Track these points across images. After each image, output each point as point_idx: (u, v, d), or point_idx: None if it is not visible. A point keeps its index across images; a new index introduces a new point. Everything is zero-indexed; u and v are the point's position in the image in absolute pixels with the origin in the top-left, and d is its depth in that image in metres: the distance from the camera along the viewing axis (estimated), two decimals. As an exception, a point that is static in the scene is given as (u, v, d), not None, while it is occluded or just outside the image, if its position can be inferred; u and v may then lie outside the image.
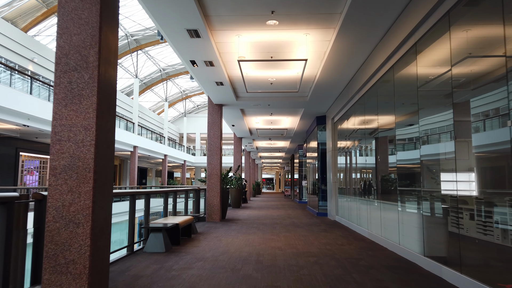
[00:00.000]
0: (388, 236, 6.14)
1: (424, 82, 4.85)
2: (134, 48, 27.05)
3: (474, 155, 3.70)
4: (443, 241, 4.38)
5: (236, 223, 10.12)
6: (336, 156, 11.07)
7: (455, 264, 3.96)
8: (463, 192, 3.84)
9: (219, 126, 10.88)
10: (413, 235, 5.09)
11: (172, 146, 37.46)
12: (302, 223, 10.14)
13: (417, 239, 4.92)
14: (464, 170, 3.82)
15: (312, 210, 13.88)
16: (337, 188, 10.92)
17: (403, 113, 5.76)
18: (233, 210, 14.92)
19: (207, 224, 9.81)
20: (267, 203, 20.47)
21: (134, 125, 26.89)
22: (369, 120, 7.62)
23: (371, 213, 7.20)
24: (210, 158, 10.83)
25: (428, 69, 4.81)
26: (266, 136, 17.93)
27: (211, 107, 10.98)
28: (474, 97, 3.79)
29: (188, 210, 9.84)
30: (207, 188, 10.73)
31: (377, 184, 7.09)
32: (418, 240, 4.87)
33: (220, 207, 10.67)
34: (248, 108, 12.04)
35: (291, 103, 10.86)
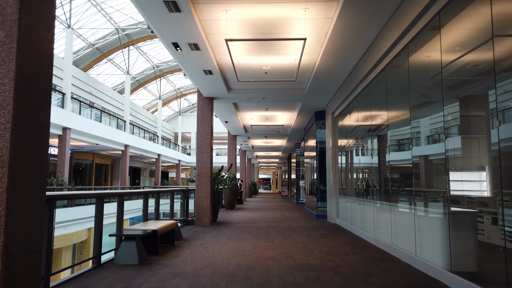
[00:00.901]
0: (401, 245, 5.26)
1: (448, 64, 3.98)
2: (126, 44, 26.08)
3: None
4: (478, 253, 3.52)
5: (228, 227, 9.23)
6: (336, 154, 10.21)
7: (496, 283, 3.09)
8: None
9: (210, 121, 9.98)
10: (435, 245, 4.22)
11: (166, 146, 36.49)
12: (300, 226, 9.26)
13: (441, 250, 4.05)
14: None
15: (310, 212, 13.01)
16: (337, 188, 10.06)
17: (420, 104, 4.90)
18: (226, 212, 14.03)
19: (195, 228, 8.91)
20: (263, 204, 19.59)
21: (126, 123, 25.92)
22: (376, 113, 6.75)
23: (379, 217, 6.33)
24: (200, 156, 9.94)
25: (456, 46, 3.94)
26: (262, 133, 17.05)
27: (201, 101, 10.08)
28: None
29: (174, 213, 8.93)
30: (196, 189, 9.83)
31: (381, 184, 6.23)
32: (443, 252, 4.00)
33: (211, 209, 9.78)
34: (241, 102, 11.15)
35: (288, 96, 9.98)
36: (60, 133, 17.40)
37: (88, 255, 16.75)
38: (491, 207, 3.30)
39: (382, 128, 6.41)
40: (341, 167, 9.93)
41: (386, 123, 6.08)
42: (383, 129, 6.40)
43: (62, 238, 15.50)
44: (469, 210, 3.67)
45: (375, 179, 6.82)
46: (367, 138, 7.49)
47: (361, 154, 8.10)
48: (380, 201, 6.39)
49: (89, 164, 27.99)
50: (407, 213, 5.14)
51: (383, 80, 6.18)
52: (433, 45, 4.32)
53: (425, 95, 4.88)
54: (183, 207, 9.72)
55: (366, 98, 7.39)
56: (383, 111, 6.45)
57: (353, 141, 8.73)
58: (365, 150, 7.88)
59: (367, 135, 7.46)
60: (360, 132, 7.90)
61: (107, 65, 28.43)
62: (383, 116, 6.33)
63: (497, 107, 3.10)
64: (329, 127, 10.68)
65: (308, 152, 15.30)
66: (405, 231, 5.14)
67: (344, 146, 9.65)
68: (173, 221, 6.48)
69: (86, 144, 22.21)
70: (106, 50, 26.26)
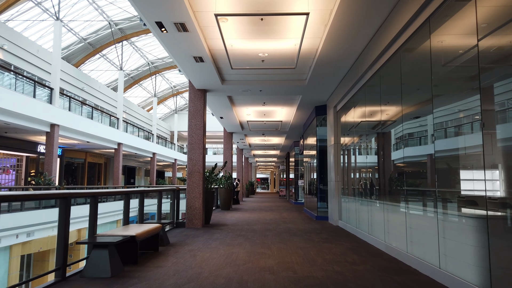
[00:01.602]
0: (420, 254, 4.53)
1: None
2: (119, 39, 25.26)
3: None
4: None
5: (221, 229, 8.48)
6: (339, 151, 9.47)
7: None
8: None
9: (202, 115, 9.23)
10: (466, 257, 3.48)
11: (162, 144, 35.70)
12: (300, 229, 8.52)
13: (475, 263, 3.31)
14: None
15: (310, 213, 12.28)
16: (340, 188, 9.32)
17: (445, 92, 4.16)
18: (221, 212, 13.28)
19: (185, 231, 8.16)
20: (261, 204, 18.85)
21: (119, 120, 25.13)
22: (386, 105, 6.02)
23: (390, 221, 5.60)
24: (191, 153, 9.18)
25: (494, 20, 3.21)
26: (259, 130, 16.29)
27: (193, 93, 9.32)
28: None
29: (164, 214, 8.18)
30: (187, 189, 9.08)
31: (392, 184, 5.50)
32: (478, 266, 3.26)
33: (203, 211, 9.03)
34: (237, 95, 10.40)
35: (286, 88, 9.23)
36: (48, 130, 16.60)
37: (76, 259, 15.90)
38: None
39: (394, 121, 5.68)
40: (344, 166, 9.19)
41: (399, 115, 5.35)
42: (395, 122, 5.67)
43: (49, 240, 14.73)
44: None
45: (385, 178, 6.08)
46: (375, 133, 6.75)
47: (368, 151, 7.37)
48: (392, 202, 5.65)
49: (81, 163, 27.18)
50: (427, 217, 4.40)
51: (396, 65, 5.44)
52: (464, 18, 3.59)
53: (452, 81, 4.14)
54: (173, 208, 8.97)
55: (374, 89, 6.65)
56: (395, 102, 5.71)
57: (358, 137, 8.00)
58: (372, 146, 7.15)
59: (376, 130, 6.73)
60: (367, 127, 7.17)
61: (100, 61, 27.60)
62: (395, 108, 5.60)
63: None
64: (331, 123, 9.94)
65: (308, 150, 14.57)
66: (425, 238, 4.40)
67: (347, 142, 8.92)
68: (157, 224, 5.72)
69: (77, 142, 21.42)
70: (98, 45, 25.44)
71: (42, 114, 15.57)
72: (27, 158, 21.43)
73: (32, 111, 14.91)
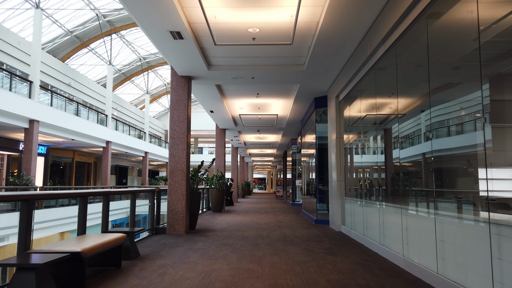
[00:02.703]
0: (458, 277, 3.40)
1: None
2: (107, 31, 24.07)
3: None
4: None
5: (207, 236, 7.34)
6: (341, 147, 8.35)
7: None
8: None
9: (186, 106, 8.09)
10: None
11: (155, 143, 34.53)
12: (297, 236, 7.39)
13: None
14: None
15: (309, 216, 11.15)
16: (343, 189, 8.20)
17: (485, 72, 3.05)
18: (211, 215, 12.13)
19: (164, 239, 7.02)
20: (256, 206, 17.73)
21: (107, 117, 23.94)
22: (404, 90, 4.90)
23: (411, 229, 4.47)
24: (173, 148, 8.04)
25: None
26: (253, 126, 15.14)
27: (175, 81, 8.18)
28: None
29: (140, 219, 7.04)
30: (168, 189, 7.94)
31: (403, 185, 4.39)
32: None
33: (186, 214, 7.89)
34: (226, 84, 9.27)
35: (282, 75, 8.10)
36: (26, 126, 15.40)
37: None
38: None
39: (416, 108, 4.57)
40: (349, 163, 8.07)
41: (423, 100, 4.24)
42: (415, 109, 4.56)
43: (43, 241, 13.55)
44: None
45: (403, 177, 4.96)
46: (390, 125, 5.64)
47: (379, 147, 6.25)
48: (413, 207, 4.53)
49: (69, 162, 25.95)
50: (470, 227, 3.28)
51: (419, 35, 4.32)
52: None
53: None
54: (152, 212, 7.83)
55: (386, 72, 5.54)
56: (417, 84, 4.60)
57: (365, 131, 6.89)
58: (382, 141, 6.03)
59: (387, 122, 5.61)
60: (376, 119, 6.06)
61: (89, 55, 26.39)
62: (418, 91, 4.49)
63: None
64: (332, 115, 8.82)
65: (306, 149, 13.47)
66: (467, 255, 3.28)
67: (352, 138, 7.80)
68: (118, 235, 4.57)
69: (62, 140, 20.21)
70: (86, 38, 24.23)
71: (19, 109, 14.38)
72: (9, 157, 20.21)
73: (8, 106, 13.72)
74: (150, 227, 7.75)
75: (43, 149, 22.16)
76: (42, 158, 22.43)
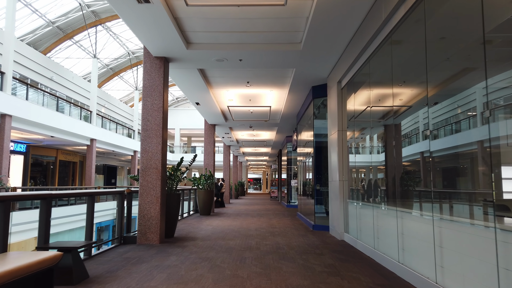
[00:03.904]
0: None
1: None
2: (92, 23, 22.70)
3: None
4: None
5: (184, 247, 6.11)
6: (344, 142, 7.16)
7: None
8: None
9: (162, 93, 6.85)
10: None
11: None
12: (292, 247, 6.18)
13: None
14: None
15: (305, 220, 9.94)
16: (346, 190, 7.00)
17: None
18: (198, 219, 10.89)
19: (131, 251, 5.77)
20: (248, 207, 16.51)
21: (92, 113, 22.59)
22: (430, 70, 3.71)
23: (450, 246, 3.27)
24: (146, 142, 6.80)
25: None
26: (245, 120, 13.88)
27: (149, 62, 6.94)
28: None
29: (95, 229, 5.78)
30: (139, 191, 6.70)
31: (432, 185, 3.20)
32: None
33: (161, 220, 6.65)
34: (211, 69, 8.05)
35: (275, 56, 6.90)
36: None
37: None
38: None
39: (449, 89, 3.38)
40: (354, 161, 6.88)
41: (454, 80, 3.05)
42: (448, 90, 3.38)
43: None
44: None
45: (428, 176, 3.77)
46: (403, 118, 4.46)
47: (394, 140, 5.07)
48: (455, 216, 3.34)
49: (52, 161, 24.55)
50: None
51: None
52: None
53: None
54: (120, 218, 6.58)
55: (402, 48, 4.35)
56: (447, 62, 3.42)
57: (377, 119, 5.69)
58: (395, 136, 4.84)
59: (403, 113, 4.43)
60: (386, 109, 4.86)
61: (73, 48, 24.98)
62: (447, 72, 3.31)
63: None
64: (334, 105, 7.62)
65: (302, 147, 12.29)
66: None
67: (359, 130, 6.61)
68: (47, 255, 3.32)
69: (42, 137, 18.87)
70: (69, 30, 22.84)
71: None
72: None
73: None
74: (117, 235, 6.51)
75: (22, 147, 20.78)
76: (21, 157, 21.05)
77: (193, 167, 47.33)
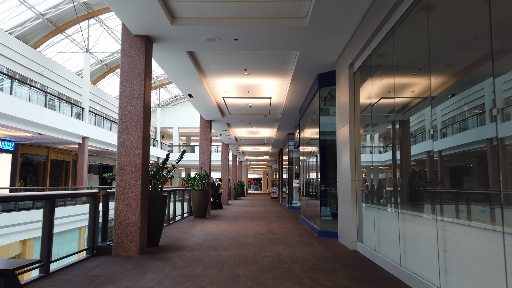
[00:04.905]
0: None
1: None
2: (84, 15, 21.69)
3: None
4: None
5: (167, 260, 5.08)
6: (357, 134, 6.12)
7: None
8: None
9: (143, 78, 5.82)
10: None
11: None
12: (297, 260, 5.14)
13: None
14: None
15: (310, 225, 8.91)
16: (359, 191, 5.97)
17: None
18: (191, 223, 9.86)
19: (101, 265, 4.75)
20: (248, 209, 15.49)
21: (84, 110, 21.56)
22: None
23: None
24: (123, 135, 5.78)
25: None
26: (243, 114, 12.82)
27: (128, 42, 5.91)
28: None
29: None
30: (116, 193, 5.67)
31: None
32: None
33: (142, 227, 5.63)
34: (202, 51, 7.04)
35: (276, 34, 5.87)
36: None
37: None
38: None
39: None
40: (372, 159, 5.85)
41: None
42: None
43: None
44: None
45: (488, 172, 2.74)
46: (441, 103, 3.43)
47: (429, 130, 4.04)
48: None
49: (43, 160, 23.54)
50: None
51: None
52: None
53: None
54: (93, 224, 5.55)
55: (441, 16, 3.33)
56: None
57: (405, 102, 4.66)
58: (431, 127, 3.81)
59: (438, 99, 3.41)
60: (428, 88, 3.83)
61: (65, 43, 23.97)
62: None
63: None
64: (344, 92, 6.58)
65: (304, 146, 11.28)
66: None
67: (377, 120, 5.58)
68: None
69: (30, 134, 17.87)
70: (61, 23, 21.83)
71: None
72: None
73: None
74: (88, 245, 5.48)
75: (9, 145, 19.78)
76: (9, 155, 20.06)
77: (192, 167, 46.31)
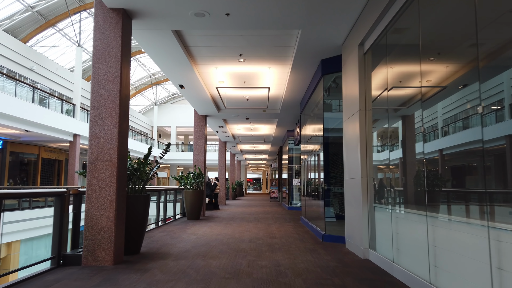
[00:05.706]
0: None
1: None
2: (76, 8, 20.86)
3: None
4: None
5: (144, 272, 4.25)
6: (369, 124, 5.30)
7: None
8: None
9: (119, 58, 5.00)
10: None
11: (141, 140, 31.42)
12: (299, 273, 4.31)
13: None
14: None
15: (312, 228, 8.09)
16: (371, 190, 5.14)
17: None
18: (182, 225, 9.04)
19: (65, 279, 3.92)
20: (245, 210, 14.68)
21: (75, 107, 20.74)
22: None
23: None
24: (96, 125, 4.94)
25: None
26: (240, 108, 11.93)
27: (101, 16, 5.07)
28: None
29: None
30: (86, 192, 4.84)
31: None
32: None
33: (117, 232, 4.80)
34: (190, 31, 6.21)
35: (274, 5, 5.05)
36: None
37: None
38: None
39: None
40: (388, 155, 5.03)
41: None
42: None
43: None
44: None
45: None
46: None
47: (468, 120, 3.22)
48: None
49: (34, 159, 22.70)
50: None
51: None
52: None
53: None
54: (59, 229, 4.72)
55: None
56: None
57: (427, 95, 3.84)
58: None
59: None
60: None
61: (57, 37, 23.14)
62: None
63: None
64: (354, 76, 5.75)
65: (304, 144, 10.46)
66: None
67: (394, 104, 4.75)
68: None
69: (18, 131, 17.05)
70: (51, 16, 21.00)
71: None
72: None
73: None
74: (53, 254, 4.65)
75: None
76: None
77: (190, 166, 45.55)
